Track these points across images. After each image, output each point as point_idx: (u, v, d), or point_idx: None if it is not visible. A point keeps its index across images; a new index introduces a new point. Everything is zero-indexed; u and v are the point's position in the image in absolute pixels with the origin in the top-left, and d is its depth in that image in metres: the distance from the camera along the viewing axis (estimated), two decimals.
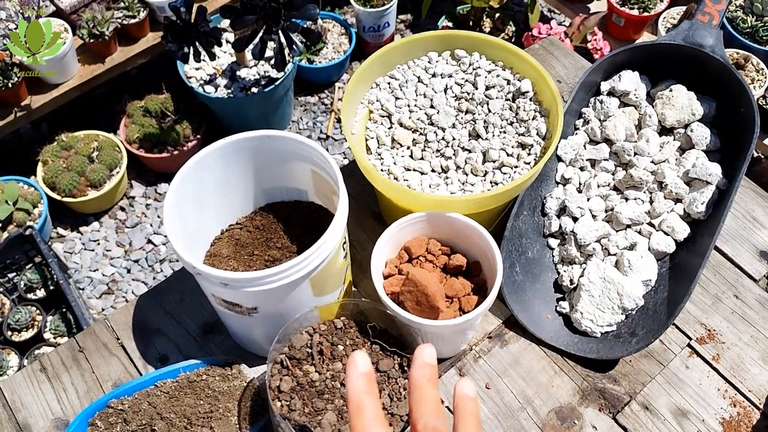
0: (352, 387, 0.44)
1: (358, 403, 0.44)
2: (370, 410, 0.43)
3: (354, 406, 0.44)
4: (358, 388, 0.44)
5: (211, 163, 0.76)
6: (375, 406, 0.44)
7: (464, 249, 0.80)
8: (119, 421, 0.74)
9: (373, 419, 0.43)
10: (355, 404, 0.44)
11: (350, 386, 0.45)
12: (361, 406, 0.44)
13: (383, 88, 0.89)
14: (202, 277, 0.67)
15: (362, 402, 0.44)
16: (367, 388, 0.44)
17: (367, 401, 0.44)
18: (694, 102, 0.90)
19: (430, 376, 0.46)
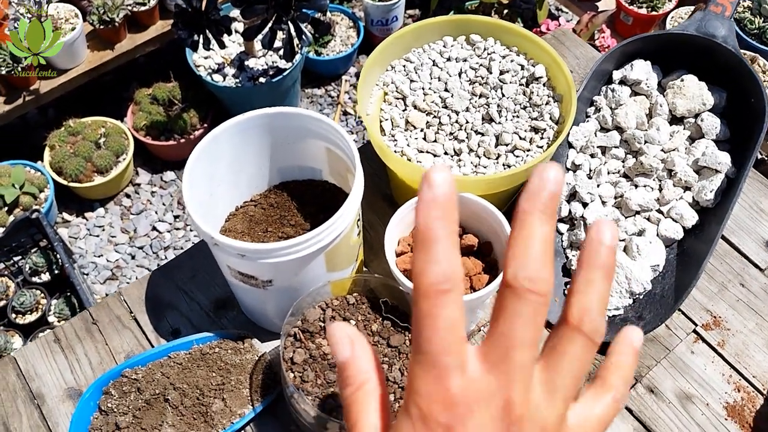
0: (423, 210, 0.30)
1: (426, 233, 0.29)
2: (440, 242, 0.29)
3: (421, 237, 0.30)
4: (430, 213, 0.29)
5: (228, 139, 0.77)
6: (449, 237, 0.30)
7: (475, 229, 0.81)
8: (133, 390, 0.74)
9: (442, 254, 0.29)
10: (422, 236, 0.30)
11: (420, 211, 0.30)
12: (429, 238, 0.29)
13: (398, 71, 0.90)
14: (219, 248, 0.68)
15: (432, 233, 0.29)
16: (444, 214, 0.30)
17: (439, 232, 0.29)
18: (704, 92, 0.91)
19: (548, 206, 0.30)
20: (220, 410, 0.74)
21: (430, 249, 0.29)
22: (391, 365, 0.71)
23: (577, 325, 0.31)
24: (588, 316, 0.31)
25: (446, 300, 0.29)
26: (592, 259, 0.32)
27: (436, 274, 0.29)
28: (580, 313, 0.31)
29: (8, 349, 1.60)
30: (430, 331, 0.29)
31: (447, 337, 0.29)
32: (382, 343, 0.73)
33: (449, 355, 0.29)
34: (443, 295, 0.29)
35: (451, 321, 0.30)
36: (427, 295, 0.29)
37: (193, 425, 0.73)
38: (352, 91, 2.29)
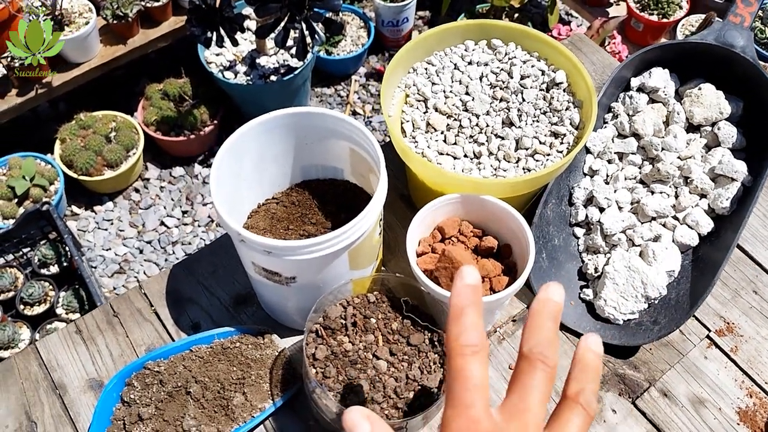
0: (456, 295, 0.42)
1: (459, 310, 0.42)
2: (469, 316, 0.42)
3: (454, 312, 0.42)
4: (461, 296, 0.42)
5: (254, 137, 0.78)
6: (476, 314, 0.42)
7: (495, 232, 0.82)
8: (155, 382, 0.75)
9: (471, 325, 0.41)
10: (456, 311, 0.42)
11: (454, 294, 0.42)
12: (461, 313, 0.42)
13: (420, 73, 0.91)
14: (245, 244, 0.69)
15: (463, 310, 0.42)
16: (472, 299, 0.42)
17: (468, 310, 0.42)
18: (722, 101, 0.92)
19: (554, 311, 0.43)
20: (240, 404, 0.75)
21: (462, 321, 0.41)
22: (410, 363, 0.72)
23: (575, 398, 0.41)
24: (583, 395, 0.41)
25: (475, 360, 0.40)
26: (583, 361, 0.43)
27: (466, 339, 0.41)
28: (578, 391, 0.42)
29: (16, 339, 1.61)
30: (461, 388, 0.40)
31: (475, 394, 0.40)
32: (402, 342, 0.74)
33: (476, 408, 0.39)
34: (473, 355, 0.40)
35: (479, 379, 0.40)
36: (461, 353, 0.40)
37: (215, 418, 0.74)
38: (361, 91, 2.30)
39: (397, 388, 0.70)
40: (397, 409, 0.69)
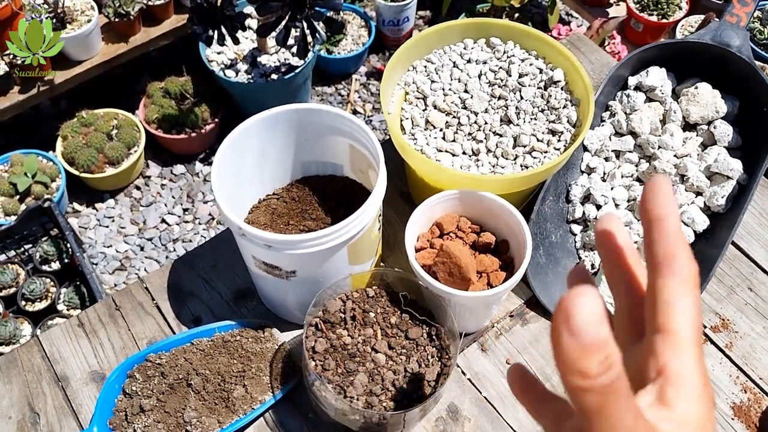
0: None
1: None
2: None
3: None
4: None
5: (255, 133, 0.79)
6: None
7: (493, 228, 0.83)
8: (157, 374, 0.76)
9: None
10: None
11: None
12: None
13: (420, 71, 0.92)
14: (246, 238, 0.70)
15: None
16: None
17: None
18: (718, 100, 0.93)
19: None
20: (241, 396, 0.76)
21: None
22: (409, 357, 0.73)
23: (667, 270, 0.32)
24: (675, 263, 0.31)
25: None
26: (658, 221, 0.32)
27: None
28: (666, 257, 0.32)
29: (17, 335, 1.61)
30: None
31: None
32: (400, 336, 0.75)
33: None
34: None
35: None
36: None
37: (215, 410, 0.75)
38: (362, 90, 2.31)
39: (396, 381, 0.71)
40: (395, 402, 0.70)
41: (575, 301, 0.27)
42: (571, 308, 0.27)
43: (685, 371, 0.31)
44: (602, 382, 0.27)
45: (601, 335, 0.26)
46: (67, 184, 1.92)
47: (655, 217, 0.32)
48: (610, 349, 0.27)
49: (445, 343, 0.74)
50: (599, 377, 0.27)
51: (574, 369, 0.27)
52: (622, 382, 0.28)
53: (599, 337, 0.26)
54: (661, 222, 0.32)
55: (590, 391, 0.28)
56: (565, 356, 0.27)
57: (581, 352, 0.27)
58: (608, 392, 0.28)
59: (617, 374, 0.27)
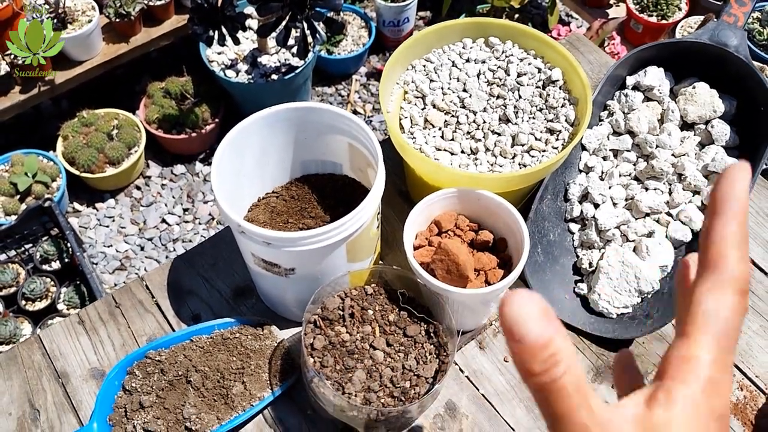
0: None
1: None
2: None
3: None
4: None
5: (255, 132, 0.79)
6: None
7: (491, 226, 0.83)
8: (156, 371, 0.77)
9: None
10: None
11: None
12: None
13: (419, 70, 0.92)
14: (245, 235, 0.71)
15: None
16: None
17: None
18: (715, 99, 0.93)
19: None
20: (240, 393, 0.76)
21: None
22: (407, 354, 0.74)
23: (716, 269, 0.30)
24: (726, 263, 0.29)
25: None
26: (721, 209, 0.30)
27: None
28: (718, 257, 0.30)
29: (17, 335, 1.62)
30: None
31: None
32: (398, 333, 0.75)
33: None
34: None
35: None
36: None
37: (214, 406, 0.75)
38: (362, 90, 2.31)
39: (394, 378, 0.72)
40: (394, 398, 0.71)
41: (512, 305, 0.27)
42: (508, 311, 0.27)
43: (685, 379, 0.29)
44: (544, 379, 0.28)
45: (542, 334, 0.27)
46: (67, 184, 1.93)
47: (718, 209, 0.30)
48: (554, 346, 0.27)
49: (443, 341, 0.75)
50: (544, 374, 0.27)
51: (523, 369, 0.28)
52: (569, 377, 0.28)
53: (539, 336, 0.27)
54: (723, 213, 0.30)
55: (537, 389, 0.28)
56: (513, 356, 0.28)
57: (523, 352, 0.27)
58: (554, 389, 0.28)
59: (563, 371, 0.28)
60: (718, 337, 0.29)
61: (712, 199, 0.30)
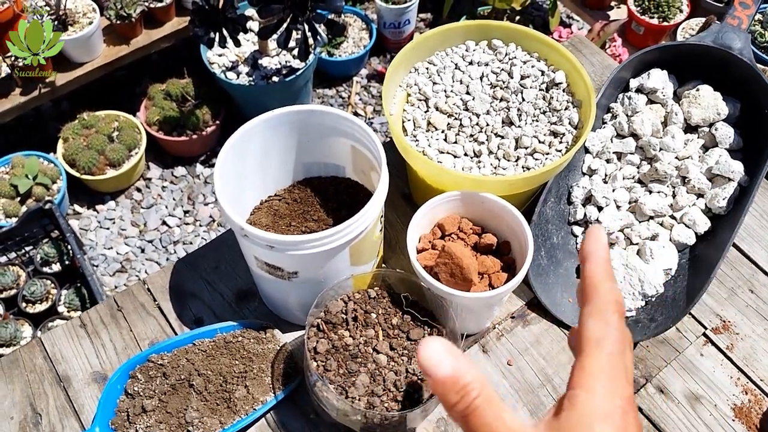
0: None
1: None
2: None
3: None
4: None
5: (257, 135, 0.79)
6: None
7: (494, 229, 0.83)
8: (159, 375, 0.76)
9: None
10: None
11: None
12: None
13: (422, 73, 0.92)
14: (248, 239, 0.70)
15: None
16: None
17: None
18: (719, 102, 0.93)
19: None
20: (242, 397, 0.76)
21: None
22: (410, 358, 0.73)
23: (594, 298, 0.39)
24: (599, 297, 0.39)
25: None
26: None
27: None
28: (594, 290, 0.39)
29: (18, 337, 1.62)
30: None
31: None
32: (401, 336, 0.75)
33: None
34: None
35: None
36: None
37: (217, 410, 0.75)
38: (362, 92, 2.31)
39: (397, 382, 0.71)
40: (397, 402, 0.70)
41: (420, 351, 0.35)
42: (420, 358, 0.34)
43: (584, 384, 0.36)
44: (462, 406, 0.34)
45: (449, 370, 0.34)
46: (68, 186, 1.92)
47: (584, 256, 0.40)
48: (463, 378, 0.34)
49: None
50: (458, 405, 0.34)
51: (444, 402, 0.35)
52: (482, 399, 0.34)
53: (446, 373, 0.34)
54: (587, 259, 0.39)
55: (459, 417, 0.35)
56: (436, 394, 0.35)
57: (440, 387, 0.35)
58: (469, 413, 0.34)
59: (476, 395, 0.34)
60: (607, 349, 0.36)
61: (582, 252, 0.40)
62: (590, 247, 0.40)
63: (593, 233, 0.40)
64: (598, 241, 0.40)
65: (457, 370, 0.34)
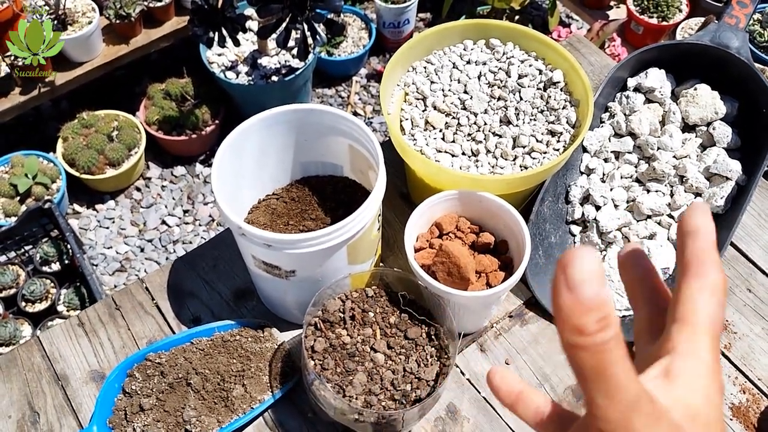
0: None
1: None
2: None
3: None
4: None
5: (255, 134, 0.79)
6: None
7: (492, 228, 0.83)
8: (156, 373, 0.77)
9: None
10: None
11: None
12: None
13: (419, 72, 0.92)
14: (246, 237, 0.70)
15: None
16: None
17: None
18: (717, 101, 0.93)
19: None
20: (240, 395, 0.76)
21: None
22: (408, 356, 0.73)
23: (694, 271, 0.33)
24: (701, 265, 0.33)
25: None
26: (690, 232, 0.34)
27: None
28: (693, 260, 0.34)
29: (17, 336, 1.61)
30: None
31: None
32: (399, 335, 0.75)
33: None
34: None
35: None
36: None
37: (214, 409, 0.75)
38: (362, 92, 2.31)
39: (395, 381, 0.72)
40: (394, 401, 0.71)
41: (575, 259, 0.27)
42: (570, 265, 0.27)
43: (695, 352, 0.31)
44: (598, 339, 0.28)
45: (599, 294, 0.27)
46: (67, 186, 1.92)
47: (691, 229, 0.34)
48: (607, 309, 0.28)
49: (444, 343, 0.74)
50: (595, 335, 0.27)
51: (571, 325, 0.27)
52: (618, 344, 0.28)
53: (597, 295, 0.27)
54: (696, 233, 0.34)
55: (586, 349, 0.28)
56: (563, 312, 0.27)
57: (578, 308, 0.27)
58: (604, 350, 0.28)
59: (614, 335, 0.28)
60: (714, 328, 0.32)
61: (688, 225, 0.34)
62: (698, 220, 0.35)
63: (699, 207, 0.36)
64: (706, 216, 0.35)
65: (607, 296, 0.28)
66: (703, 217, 0.35)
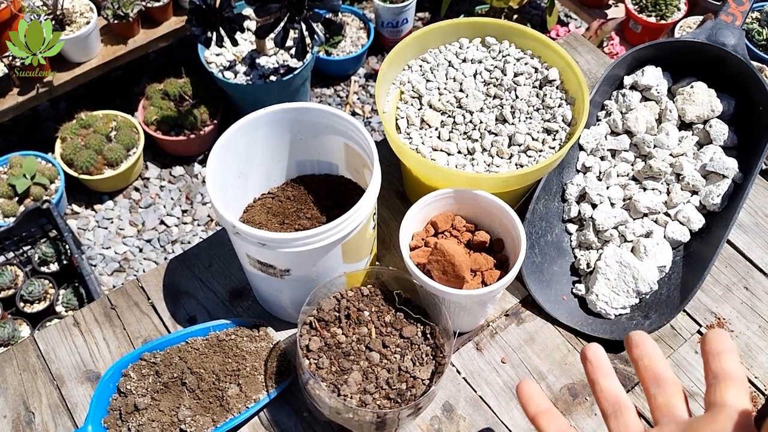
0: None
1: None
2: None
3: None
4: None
5: (250, 132, 0.79)
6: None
7: (488, 226, 0.83)
8: (151, 373, 0.76)
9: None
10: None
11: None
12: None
13: (415, 71, 0.92)
14: (240, 236, 0.70)
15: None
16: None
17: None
18: (714, 99, 0.93)
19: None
20: (235, 395, 0.76)
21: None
22: (403, 355, 0.73)
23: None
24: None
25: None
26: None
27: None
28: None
29: (16, 337, 1.62)
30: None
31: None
32: (394, 334, 0.75)
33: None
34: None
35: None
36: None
37: (210, 409, 0.75)
38: (361, 91, 2.31)
39: (390, 380, 0.71)
40: (389, 400, 0.70)
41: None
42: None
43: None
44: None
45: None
46: (65, 186, 1.92)
47: (719, 350, 0.49)
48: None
49: (439, 342, 0.74)
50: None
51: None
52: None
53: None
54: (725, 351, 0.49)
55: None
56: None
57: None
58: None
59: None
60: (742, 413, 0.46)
61: (715, 347, 0.49)
62: (723, 345, 0.48)
63: (720, 334, 0.49)
64: (728, 340, 0.49)
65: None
66: (726, 341, 0.49)
